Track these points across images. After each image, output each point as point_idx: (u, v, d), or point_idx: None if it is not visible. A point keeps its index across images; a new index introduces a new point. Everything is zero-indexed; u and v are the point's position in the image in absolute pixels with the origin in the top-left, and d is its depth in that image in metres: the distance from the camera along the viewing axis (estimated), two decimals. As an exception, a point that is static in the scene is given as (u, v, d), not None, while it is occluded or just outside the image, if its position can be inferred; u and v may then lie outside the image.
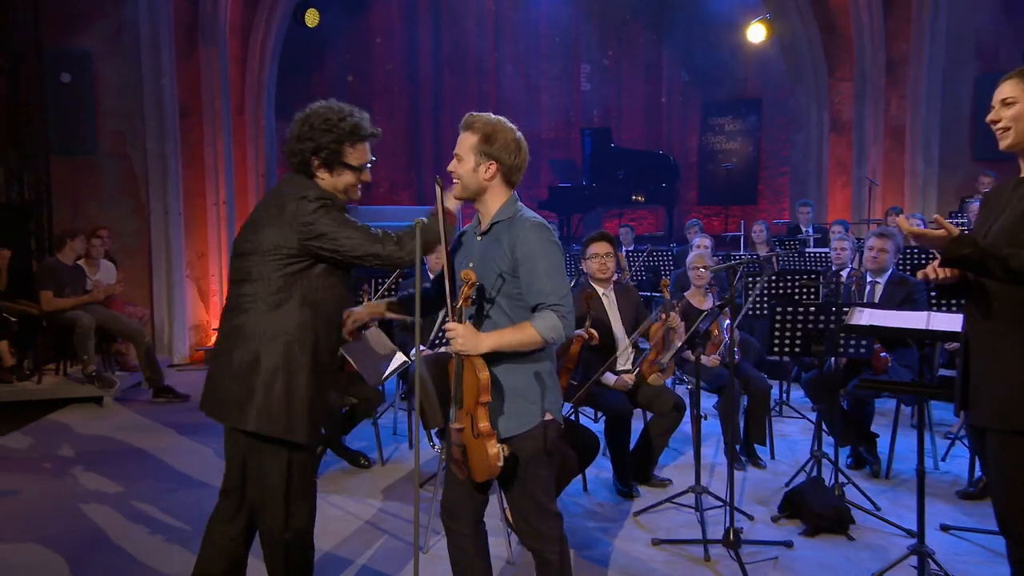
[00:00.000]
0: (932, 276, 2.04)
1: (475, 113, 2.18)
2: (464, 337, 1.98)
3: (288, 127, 2.39)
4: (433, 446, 3.68)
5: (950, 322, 2.61)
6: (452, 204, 2.21)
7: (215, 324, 8.06)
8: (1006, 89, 2.04)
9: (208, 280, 8.03)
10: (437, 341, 3.90)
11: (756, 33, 9.84)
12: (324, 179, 2.26)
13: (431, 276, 4.73)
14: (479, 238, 2.20)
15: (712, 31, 12.11)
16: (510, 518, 3.14)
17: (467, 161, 2.13)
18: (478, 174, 2.13)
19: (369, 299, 4.47)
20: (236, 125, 8.40)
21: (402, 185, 12.50)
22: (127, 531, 3.39)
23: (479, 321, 2.14)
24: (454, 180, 2.18)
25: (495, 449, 1.98)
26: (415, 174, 12.62)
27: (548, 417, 2.13)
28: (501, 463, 1.98)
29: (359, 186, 2.32)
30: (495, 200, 2.16)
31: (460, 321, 2.02)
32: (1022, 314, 1.93)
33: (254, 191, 8.69)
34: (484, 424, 1.99)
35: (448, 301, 2.11)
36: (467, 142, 2.13)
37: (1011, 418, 1.94)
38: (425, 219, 2.18)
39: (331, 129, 2.21)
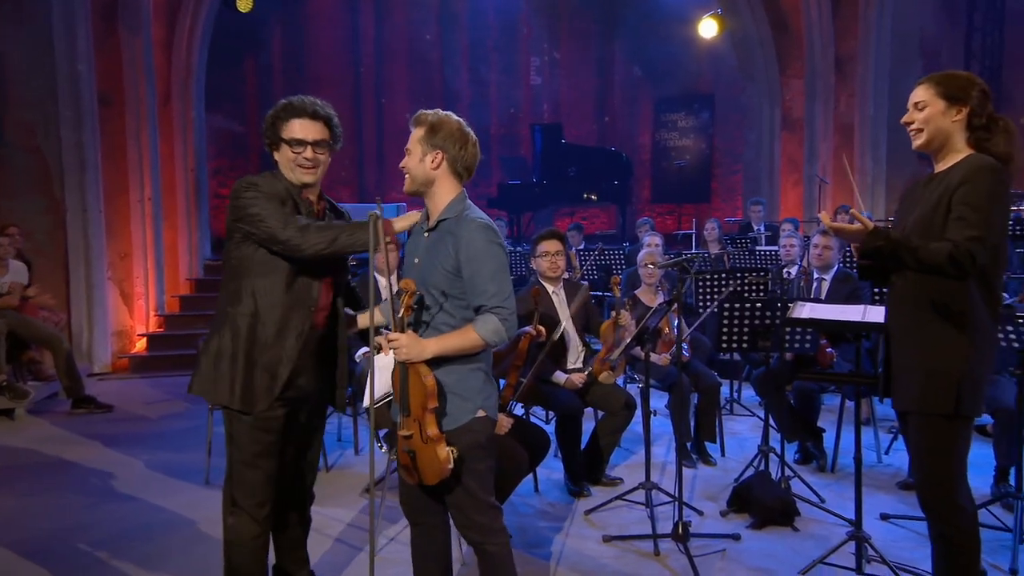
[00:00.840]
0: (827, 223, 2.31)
1: (422, 111, 2.31)
2: (408, 346, 2.09)
3: (222, 120, 2.57)
4: (381, 448, 3.76)
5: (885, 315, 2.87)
6: (399, 225, 2.33)
7: (140, 329, 7.92)
8: (919, 93, 2.30)
9: (132, 282, 7.87)
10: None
11: (708, 28, 10.19)
12: (277, 159, 2.49)
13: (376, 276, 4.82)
14: (426, 234, 2.30)
15: (663, 25, 12.47)
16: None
17: (414, 154, 2.26)
18: (424, 164, 2.24)
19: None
20: (162, 116, 8.26)
21: (343, 181, 12.45)
22: (48, 547, 3.37)
23: (420, 321, 2.25)
24: (405, 175, 2.30)
25: (445, 452, 2.09)
26: (357, 170, 12.60)
27: (481, 414, 2.23)
28: (451, 465, 2.09)
29: (306, 167, 2.46)
30: (443, 194, 2.27)
31: (402, 330, 2.11)
32: (936, 306, 2.18)
33: (183, 187, 8.56)
34: (432, 430, 2.10)
35: (392, 309, 2.19)
36: (415, 136, 2.27)
37: (927, 401, 2.18)
38: (378, 211, 2.27)
39: (271, 112, 2.49)
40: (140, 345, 7.93)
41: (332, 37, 12.19)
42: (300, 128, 2.43)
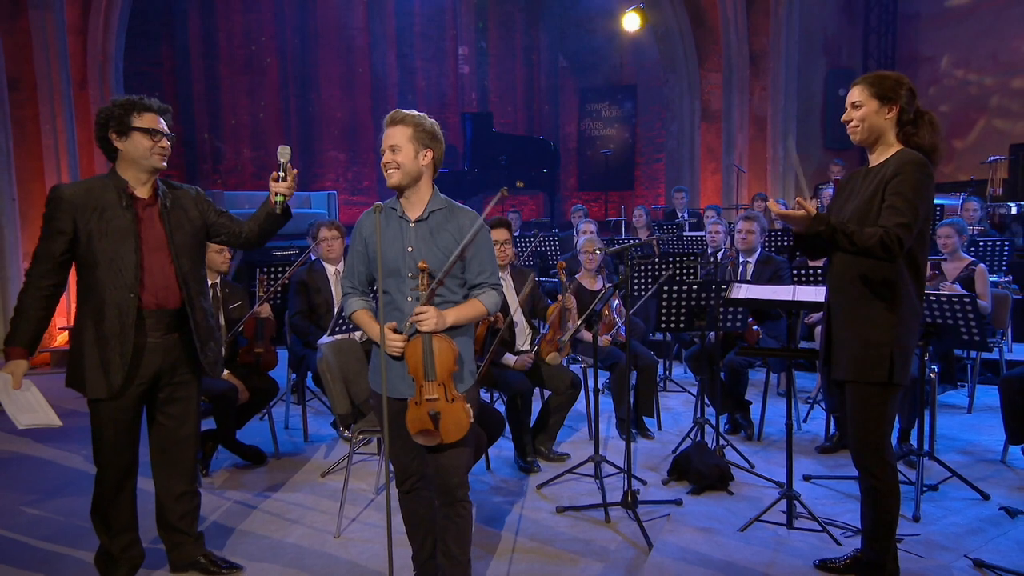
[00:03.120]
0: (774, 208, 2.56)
1: (399, 110, 2.45)
2: (434, 317, 2.31)
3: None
4: (342, 433, 3.80)
5: (813, 294, 3.15)
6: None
7: (60, 323, 7.57)
8: (855, 94, 2.54)
9: (50, 275, 7.49)
10: (337, 329, 4.03)
11: (631, 22, 10.48)
12: (122, 148, 2.65)
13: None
14: (412, 224, 2.44)
15: (587, 18, 12.73)
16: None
17: (406, 150, 2.39)
18: (418, 161, 2.41)
19: (264, 288, 4.50)
20: (79, 101, 7.85)
21: (271, 169, 12.11)
22: (-3, 546, 3.27)
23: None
24: (391, 170, 2.40)
25: (467, 407, 2.35)
26: (283, 158, 12.29)
27: (471, 382, 2.48)
28: (472, 419, 2.35)
29: (160, 155, 2.68)
30: (427, 188, 2.47)
31: (427, 304, 2.32)
32: (871, 285, 2.43)
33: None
34: (453, 391, 2.36)
35: (379, 284, 2.40)
36: (403, 134, 2.40)
37: (863, 371, 2.43)
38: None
39: (115, 103, 2.67)
40: (62, 339, 7.57)
41: (253, 21, 11.81)
42: (157, 121, 2.67)
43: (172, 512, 2.85)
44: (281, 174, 2.80)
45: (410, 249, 2.41)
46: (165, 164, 2.71)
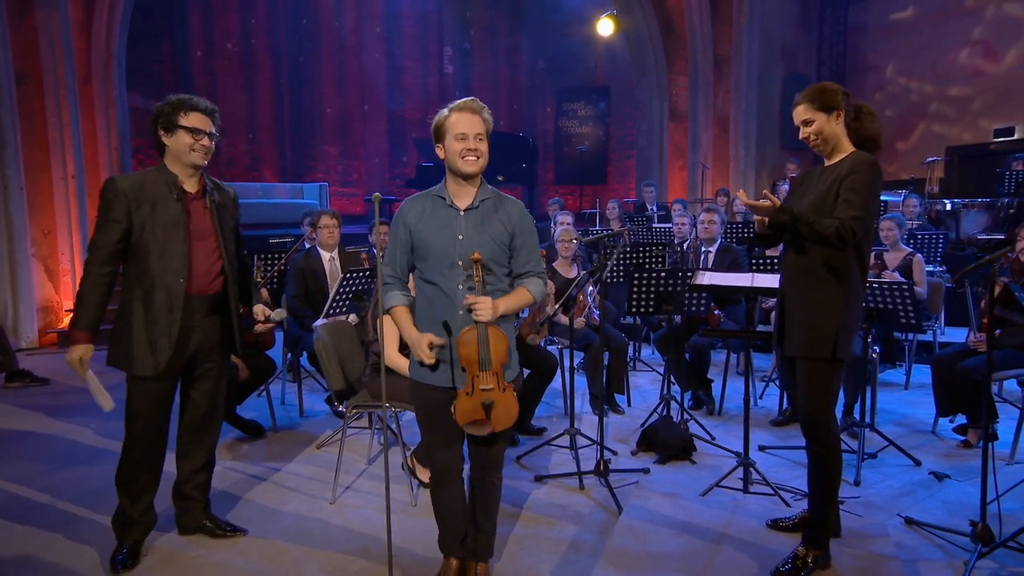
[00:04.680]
0: (744, 200, 2.64)
1: (476, 99, 2.32)
2: (490, 307, 2.18)
3: (140, 99, 2.67)
4: (336, 408, 3.82)
5: (770, 280, 3.22)
6: None
7: (67, 305, 7.46)
8: (801, 112, 2.58)
9: (57, 259, 7.38)
10: (331, 311, 4.04)
11: (605, 27, 10.49)
12: (168, 144, 2.65)
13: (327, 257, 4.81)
14: (462, 213, 2.28)
15: (565, 23, 12.70)
16: (410, 463, 3.40)
17: (486, 141, 2.29)
18: (486, 152, 2.29)
19: (262, 274, 4.49)
20: (83, 95, 7.70)
21: (266, 162, 12.01)
22: (20, 509, 3.24)
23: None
24: (472, 157, 2.25)
25: (515, 395, 2.26)
26: (278, 151, 12.17)
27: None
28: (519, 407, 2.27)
29: (200, 152, 2.66)
30: (478, 178, 2.33)
31: (482, 294, 2.19)
32: (820, 271, 2.50)
33: (106, 166, 8.03)
34: (504, 380, 2.25)
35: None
36: (483, 125, 2.28)
37: (812, 348, 2.51)
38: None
39: (167, 102, 2.66)
40: (68, 320, 7.46)
41: (250, 21, 11.63)
42: (202, 121, 2.65)
43: (188, 483, 2.89)
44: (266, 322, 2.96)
45: (461, 237, 2.24)
46: (206, 162, 2.68)
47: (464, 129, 2.24)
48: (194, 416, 2.85)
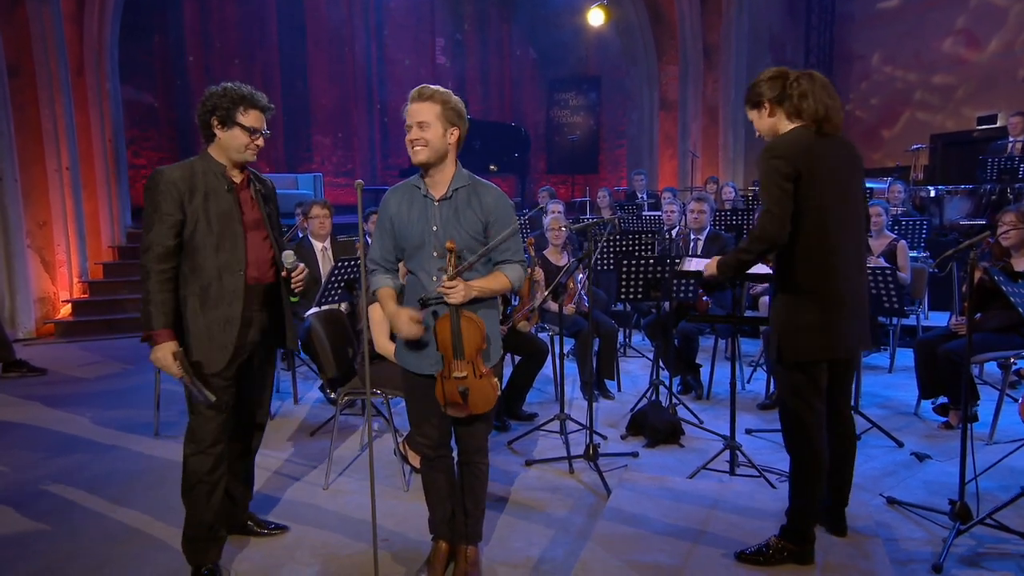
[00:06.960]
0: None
1: (427, 86, 2.22)
2: (461, 290, 2.13)
3: (133, 91, 2.53)
4: (330, 394, 3.80)
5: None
6: None
7: (64, 296, 7.41)
8: (750, 117, 2.52)
9: (53, 250, 7.31)
10: (323, 300, 4.01)
11: (595, 17, 10.38)
12: (220, 137, 2.49)
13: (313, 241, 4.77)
14: (436, 203, 2.23)
15: (555, 13, 12.60)
16: (402, 449, 3.39)
17: (435, 127, 2.17)
18: (445, 139, 2.19)
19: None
20: (76, 87, 7.60)
21: (260, 152, 11.82)
22: (17, 496, 3.22)
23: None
24: (418, 147, 2.18)
25: (494, 381, 2.23)
26: (271, 143, 12.06)
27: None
28: (499, 392, 2.24)
29: (254, 151, 2.53)
30: (451, 166, 2.24)
31: (453, 279, 2.13)
32: (787, 274, 2.39)
33: (100, 157, 7.95)
34: (482, 367, 2.22)
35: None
36: (431, 110, 2.17)
37: (777, 352, 2.43)
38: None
39: (226, 94, 2.47)
40: (65, 311, 7.41)
41: (243, 13, 11.48)
42: (259, 120, 2.51)
43: (233, 480, 2.73)
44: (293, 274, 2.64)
45: (435, 228, 2.20)
46: (255, 159, 2.56)
47: (408, 120, 2.19)
48: (241, 408, 2.67)
